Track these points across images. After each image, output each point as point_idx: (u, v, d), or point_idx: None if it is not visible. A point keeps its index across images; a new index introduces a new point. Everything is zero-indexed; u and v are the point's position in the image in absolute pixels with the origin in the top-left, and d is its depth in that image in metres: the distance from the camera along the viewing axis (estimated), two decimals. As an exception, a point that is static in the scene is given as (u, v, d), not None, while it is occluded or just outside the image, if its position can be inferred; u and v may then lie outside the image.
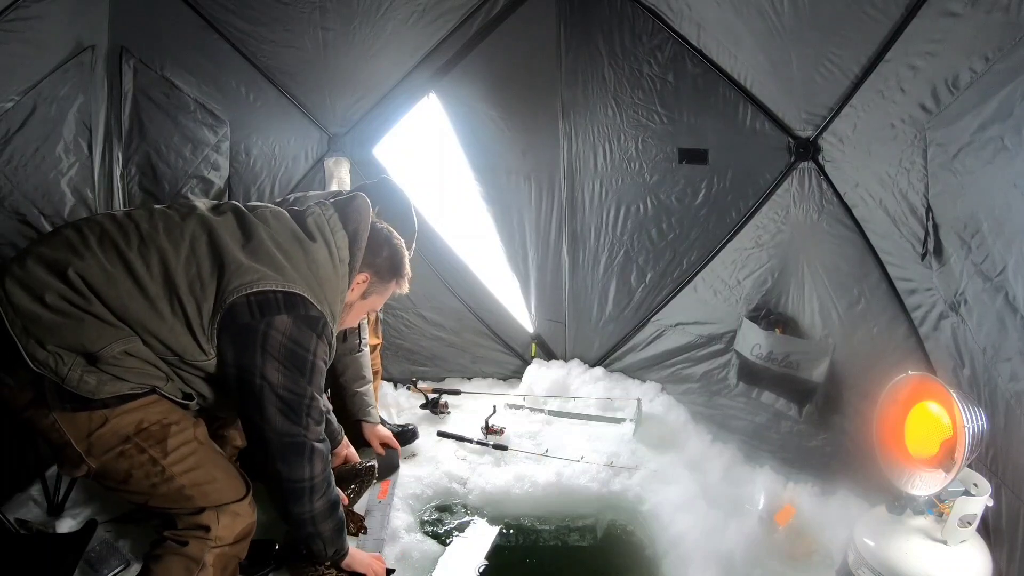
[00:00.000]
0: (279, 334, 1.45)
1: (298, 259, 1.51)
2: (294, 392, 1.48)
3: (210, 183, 2.77)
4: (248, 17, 2.62)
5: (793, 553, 1.98)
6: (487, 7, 2.71)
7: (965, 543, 1.55)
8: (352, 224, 1.63)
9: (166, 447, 1.50)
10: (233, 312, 1.43)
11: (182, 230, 1.49)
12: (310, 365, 1.50)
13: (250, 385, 1.46)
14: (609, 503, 2.31)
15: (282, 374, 1.46)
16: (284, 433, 1.50)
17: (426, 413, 2.85)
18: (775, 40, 2.10)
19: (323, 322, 1.52)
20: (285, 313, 1.46)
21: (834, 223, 2.20)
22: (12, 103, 2.12)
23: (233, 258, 1.45)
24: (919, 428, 1.59)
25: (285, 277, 1.47)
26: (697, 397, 2.75)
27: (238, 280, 1.43)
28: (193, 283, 1.43)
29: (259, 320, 1.44)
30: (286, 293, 1.46)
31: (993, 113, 1.52)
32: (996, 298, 1.57)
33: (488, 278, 3.17)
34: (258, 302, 1.44)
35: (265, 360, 1.45)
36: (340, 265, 1.58)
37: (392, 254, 1.73)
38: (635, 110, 2.67)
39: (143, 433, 1.48)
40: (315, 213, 1.61)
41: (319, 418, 1.56)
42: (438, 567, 2.01)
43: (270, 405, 1.47)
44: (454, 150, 2.99)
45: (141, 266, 1.43)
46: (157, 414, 1.50)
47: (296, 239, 1.54)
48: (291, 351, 1.47)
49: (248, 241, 1.50)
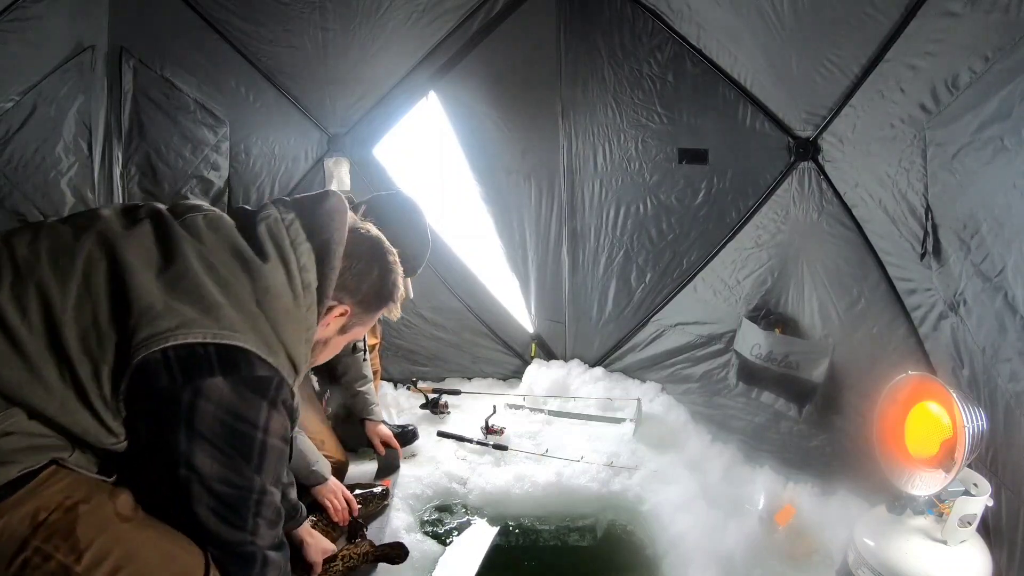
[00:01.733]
0: (211, 405, 1.04)
1: (241, 290, 1.10)
2: (236, 486, 1.08)
3: (210, 183, 2.77)
4: (248, 17, 2.62)
5: (793, 553, 1.98)
6: (487, 7, 2.72)
7: (965, 543, 1.55)
8: (322, 234, 1.20)
9: (77, 543, 1.03)
10: (145, 373, 1.01)
11: (74, 255, 1.06)
12: (259, 446, 1.09)
13: (173, 478, 1.05)
14: (609, 503, 2.31)
15: (217, 461, 1.05)
16: (225, 542, 1.10)
17: (426, 413, 2.84)
18: (775, 40, 2.10)
19: (276, 382, 1.10)
20: (220, 375, 1.04)
21: (834, 223, 2.20)
22: (12, 103, 2.12)
23: (142, 294, 1.03)
24: (919, 428, 1.59)
25: (220, 322, 1.05)
26: (697, 397, 2.75)
27: (149, 328, 1.01)
28: (87, 335, 1.02)
29: (182, 385, 1.02)
30: (221, 347, 1.04)
31: (993, 113, 1.52)
32: (995, 298, 1.57)
33: (488, 278, 3.17)
34: (180, 359, 1.02)
35: (192, 442, 1.04)
36: (305, 293, 1.17)
37: (383, 275, 1.30)
38: (635, 110, 2.67)
39: (42, 530, 1.01)
40: (270, 218, 1.19)
41: (274, 517, 1.15)
42: (438, 567, 2.01)
43: (200, 505, 1.06)
44: (454, 150, 3.00)
45: (14, 312, 1.01)
46: (57, 495, 1.04)
47: (239, 259, 1.12)
48: (230, 429, 1.06)
49: (168, 266, 1.08)
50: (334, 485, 1.95)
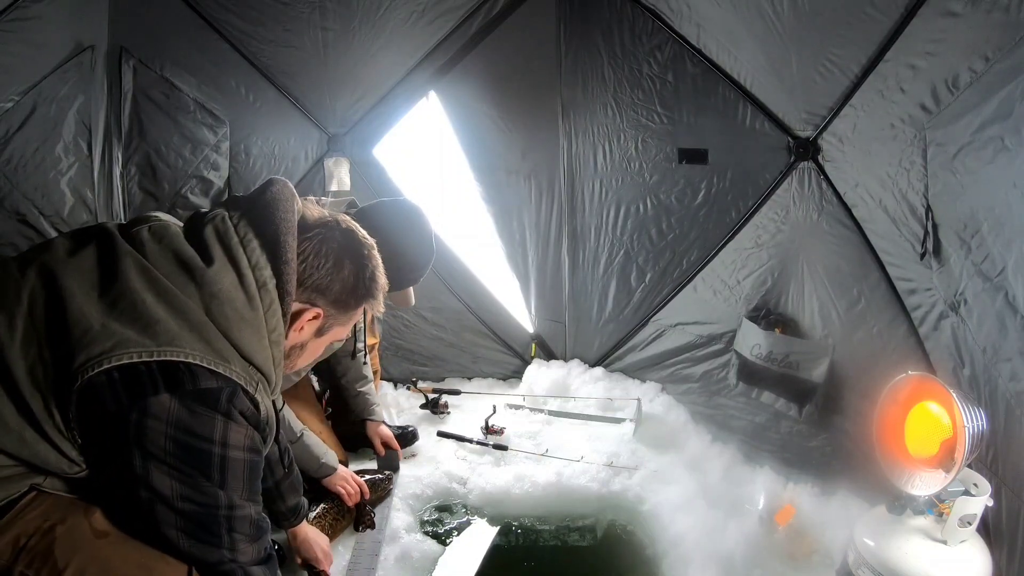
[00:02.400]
0: (160, 424, 1.01)
1: (186, 300, 1.06)
2: (199, 503, 1.05)
3: (210, 183, 2.77)
4: (248, 17, 2.62)
5: (793, 553, 1.98)
6: (487, 7, 2.71)
7: (965, 543, 1.55)
8: (269, 227, 1.13)
9: (56, 564, 1.04)
10: (90, 398, 1.00)
11: (18, 289, 1.05)
12: (218, 460, 1.05)
13: (135, 502, 1.04)
14: (609, 503, 2.31)
15: (176, 480, 1.03)
16: (201, 562, 1.08)
17: (426, 413, 2.84)
18: (775, 40, 2.10)
19: (228, 393, 1.06)
20: (166, 392, 1.01)
21: (834, 223, 2.20)
22: (12, 103, 2.12)
23: (79, 318, 1.01)
24: (919, 428, 1.59)
25: (158, 338, 1.02)
26: (697, 397, 2.75)
27: (86, 352, 0.99)
28: (34, 368, 1.01)
29: (128, 407, 1.00)
30: (161, 363, 1.01)
31: (993, 113, 1.52)
32: (996, 298, 1.57)
33: (488, 278, 3.17)
34: (124, 380, 1.00)
35: (147, 463, 1.01)
36: (261, 293, 1.11)
37: (357, 271, 1.22)
38: (635, 110, 2.67)
39: (23, 556, 1.04)
40: (216, 218, 1.14)
41: (251, 531, 1.12)
42: (438, 567, 2.01)
43: (168, 527, 1.05)
44: (454, 150, 2.99)
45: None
46: (35, 520, 1.06)
47: (183, 267, 1.08)
48: (183, 446, 1.02)
49: (109, 287, 1.04)
50: (344, 472, 2.05)
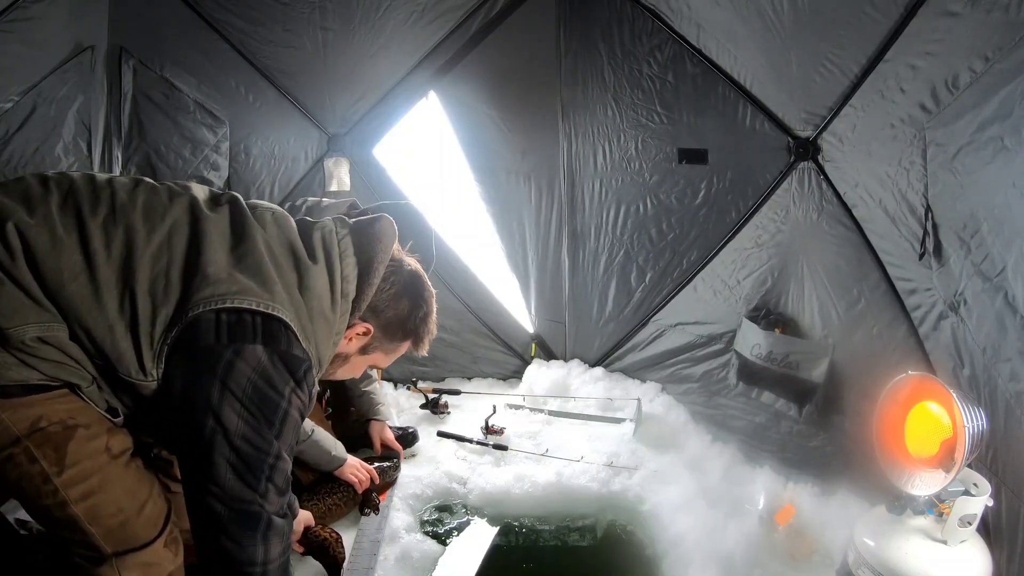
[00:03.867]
0: (248, 368, 1.12)
1: (288, 279, 1.21)
2: (255, 446, 1.14)
3: (209, 183, 2.76)
4: (248, 17, 2.62)
5: (793, 553, 1.98)
6: (487, 7, 2.71)
7: (965, 543, 1.55)
8: (368, 252, 1.29)
9: (64, 457, 1.15)
10: (195, 328, 1.12)
11: (164, 212, 1.20)
12: (282, 414, 1.16)
13: (199, 427, 1.11)
14: (609, 503, 2.31)
15: (243, 420, 1.13)
16: (235, 498, 1.13)
17: (426, 413, 2.84)
18: (775, 40, 2.10)
19: (307, 365, 1.19)
20: (261, 343, 1.14)
21: (834, 223, 2.20)
22: (12, 103, 2.12)
23: (213, 261, 1.16)
24: (919, 428, 1.59)
25: (273, 295, 1.17)
26: (697, 397, 2.75)
27: (210, 289, 1.13)
28: (157, 280, 1.14)
29: (225, 345, 1.12)
30: (268, 317, 1.15)
31: (993, 113, 1.52)
32: (996, 298, 1.57)
33: (488, 278, 3.17)
34: (229, 322, 1.13)
35: (223, 398, 1.11)
36: (342, 301, 1.26)
37: (412, 308, 1.36)
38: (635, 110, 2.67)
39: (38, 435, 1.14)
40: (325, 228, 1.30)
41: (283, 485, 1.20)
42: (438, 567, 2.01)
43: (220, 458, 1.12)
44: (454, 150, 2.99)
45: (100, 241, 1.13)
46: (62, 412, 1.16)
47: (292, 254, 1.24)
48: (260, 392, 1.13)
49: (238, 244, 1.21)
50: (353, 461, 2.12)
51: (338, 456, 2.07)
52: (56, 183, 1.19)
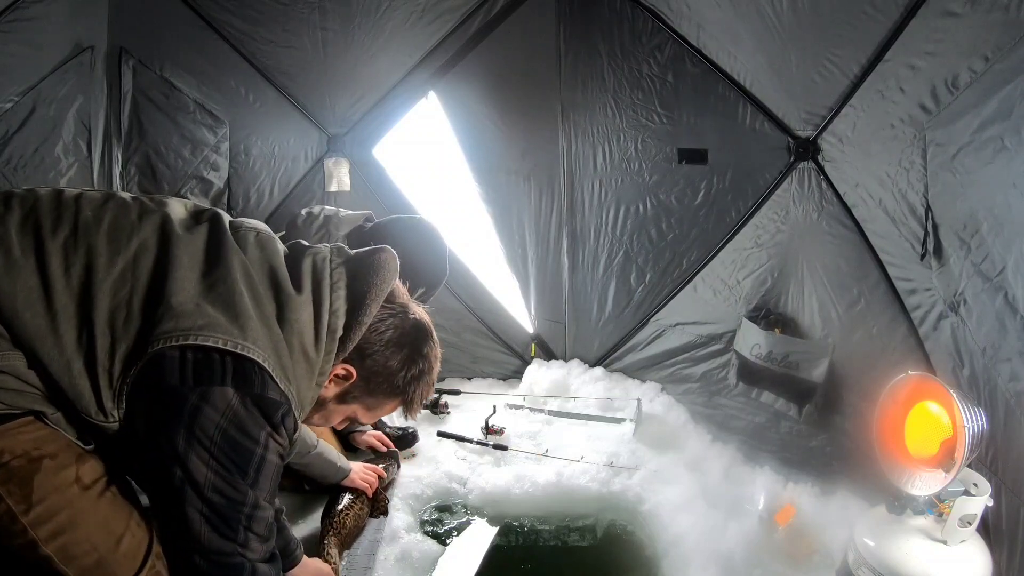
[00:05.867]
0: (216, 413, 1.02)
1: (266, 310, 1.09)
2: (227, 497, 1.05)
3: (209, 184, 2.77)
4: (247, 17, 2.62)
5: (793, 553, 1.97)
6: (486, 7, 2.72)
7: (965, 543, 1.55)
8: (362, 285, 1.16)
9: (31, 494, 1.04)
10: (159, 367, 1.01)
11: (131, 233, 1.08)
12: (257, 461, 1.07)
13: (167, 477, 1.03)
14: (609, 503, 2.30)
15: (212, 471, 1.03)
16: (213, 550, 1.07)
17: (426, 413, 2.84)
18: (775, 40, 2.10)
19: (285, 409, 1.09)
20: (231, 386, 1.03)
21: (834, 223, 2.20)
22: (12, 103, 2.12)
23: (180, 289, 1.04)
24: (919, 428, 1.59)
25: (245, 333, 1.04)
26: (697, 397, 2.75)
27: (173, 322, 1.01)
28: (118, 310, 1.03)
29: (191, 388, 1.01)
30: (239, 357, 1.04)
31: (993, 113, 1.52)
32: (996, 298, 1.57)
33: (488, 278, 3.17)
34: (195, 362, 1.02)
35: (190, 447, 1.01)
36: (328, 338, 1.13)
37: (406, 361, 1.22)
38: (634, 110, 2.67)
39: (1, 471, 1.03)
40: (318, 255, 1.18)
41: (264, 532, 1.12)
42: (438, 567, 2.01)
43: (193, 510, 1.04)
44: (453, 150, 2.99)
45: (58, 263, 1.03)
46: (27, 443, 1.05)
47: (273, 283, 1.11)
48: (231, 440, 1.04)
49: (211, 270, 1.08)
50: (359, 467, 2.10)
51: (343, 468, 2.03)
52: (20, 200, 1.08)
